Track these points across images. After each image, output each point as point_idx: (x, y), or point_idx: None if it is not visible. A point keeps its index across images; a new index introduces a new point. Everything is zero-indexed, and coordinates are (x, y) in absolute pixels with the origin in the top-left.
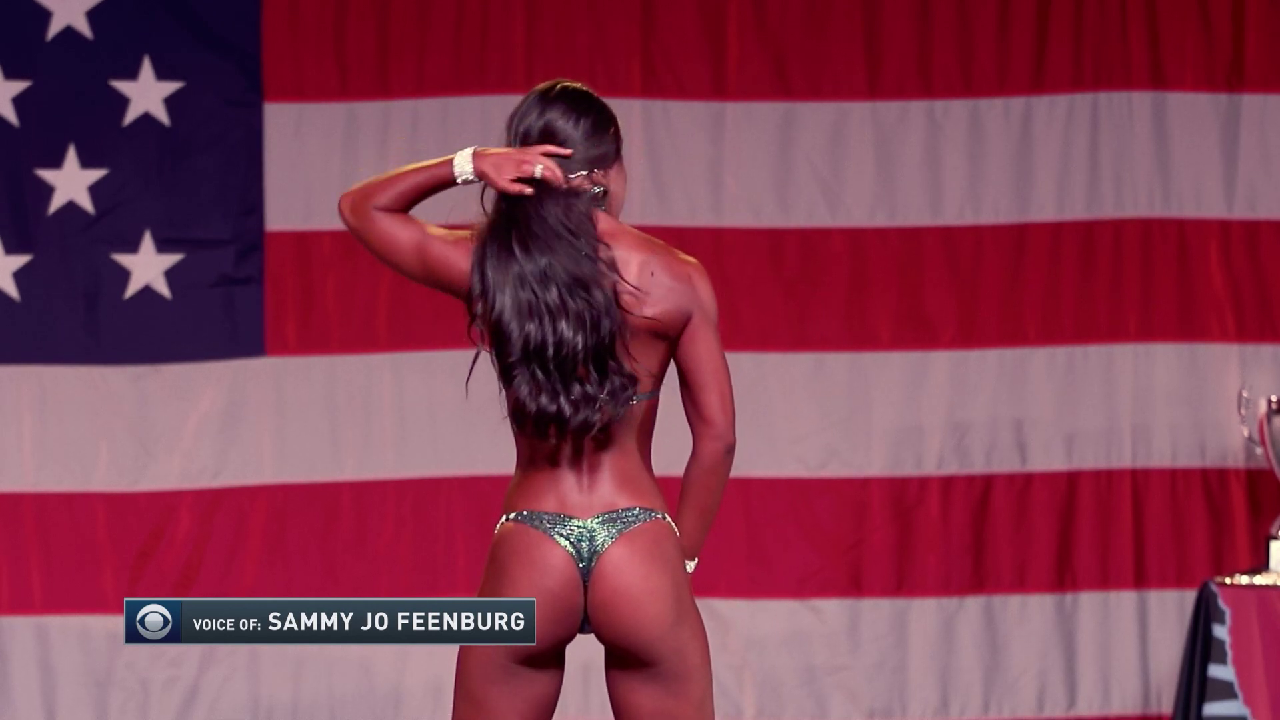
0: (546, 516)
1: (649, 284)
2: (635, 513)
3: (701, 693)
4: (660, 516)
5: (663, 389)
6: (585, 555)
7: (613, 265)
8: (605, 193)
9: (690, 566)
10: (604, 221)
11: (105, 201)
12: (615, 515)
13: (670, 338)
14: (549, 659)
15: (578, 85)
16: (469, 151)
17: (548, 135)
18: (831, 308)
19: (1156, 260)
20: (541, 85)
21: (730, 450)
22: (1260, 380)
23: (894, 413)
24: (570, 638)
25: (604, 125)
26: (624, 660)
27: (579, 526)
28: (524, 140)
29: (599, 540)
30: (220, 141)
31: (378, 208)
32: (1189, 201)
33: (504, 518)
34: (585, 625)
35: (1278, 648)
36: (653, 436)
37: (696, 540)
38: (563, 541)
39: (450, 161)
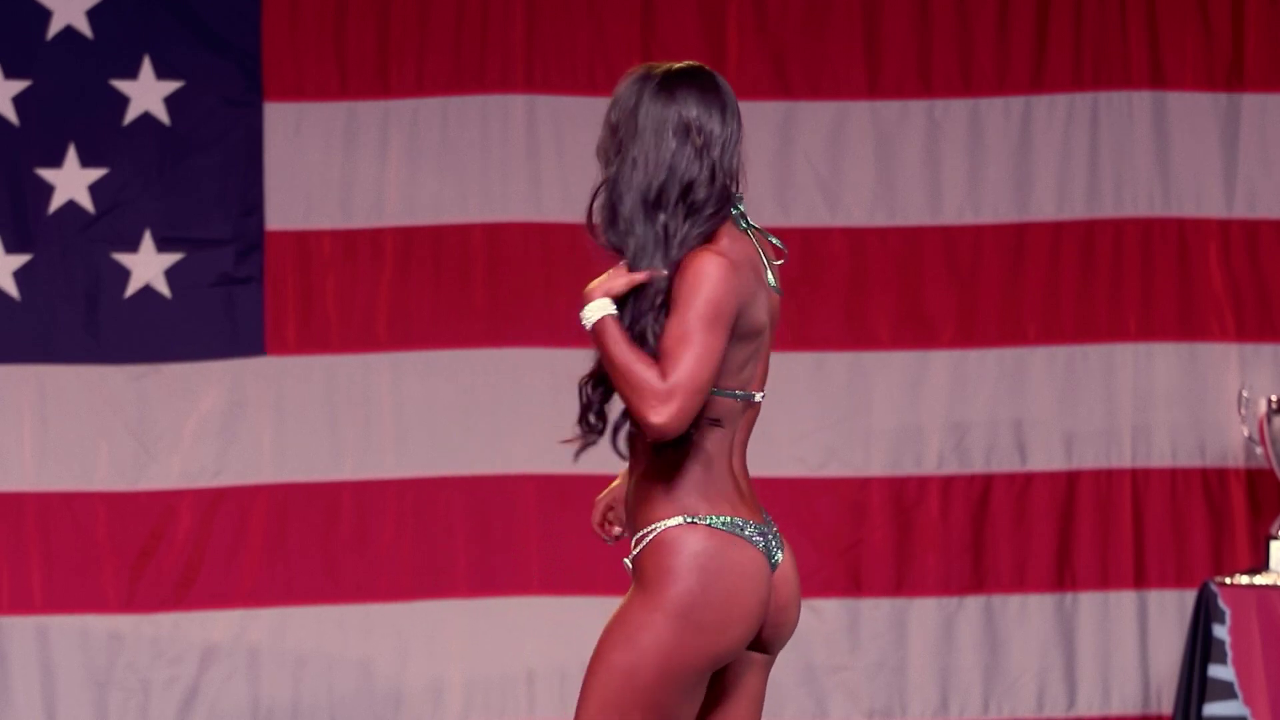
0: (748, 524)
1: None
2: (767, 516)
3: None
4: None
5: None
6: (770, 561)
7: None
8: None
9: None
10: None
11: (105, 201)
12: (769, 519)
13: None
14: None
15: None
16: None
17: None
18: (831, 307)
19: (1156, 260)
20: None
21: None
22: (1260, 380)
23: (894, 413)
24: None
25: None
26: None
27: (764, 532)
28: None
29: (773, 546)
30: (220, 141)
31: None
32: (1189, 201)
33: (707, 519)
34: None
35: (1278, 648)
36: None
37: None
38: (761, 546)
39: None
